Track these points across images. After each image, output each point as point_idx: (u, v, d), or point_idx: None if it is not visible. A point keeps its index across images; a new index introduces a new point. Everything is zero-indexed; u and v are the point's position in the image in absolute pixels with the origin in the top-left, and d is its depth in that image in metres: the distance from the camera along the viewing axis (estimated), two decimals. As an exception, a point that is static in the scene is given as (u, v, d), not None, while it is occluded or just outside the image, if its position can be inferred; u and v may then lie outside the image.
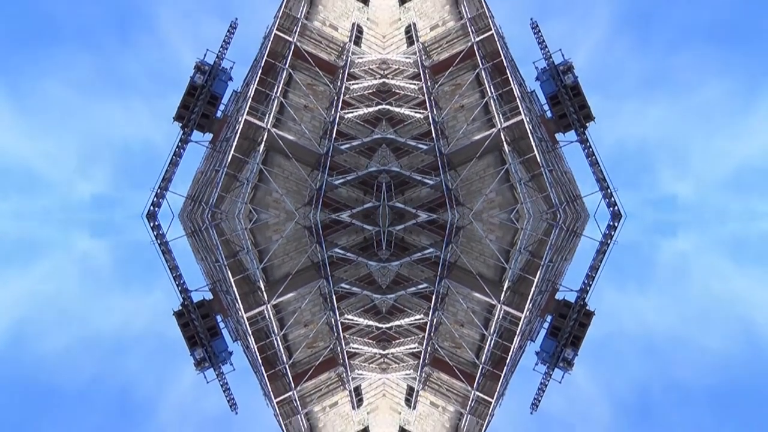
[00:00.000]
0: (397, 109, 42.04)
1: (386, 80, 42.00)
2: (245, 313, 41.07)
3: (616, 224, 68.52)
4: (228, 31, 52.50)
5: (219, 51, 52.40)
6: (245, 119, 42.95)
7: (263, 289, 43.49)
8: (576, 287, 52.89)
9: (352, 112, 41.98)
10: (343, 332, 41.03)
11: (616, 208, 60.31)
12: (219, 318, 47.83)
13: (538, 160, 44.03)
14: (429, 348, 40.26)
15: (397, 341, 42.27)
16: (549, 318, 48.86)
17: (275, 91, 44.51)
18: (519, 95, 45.15)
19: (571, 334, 46.47)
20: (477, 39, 41.88)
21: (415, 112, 42.07)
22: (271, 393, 42.08)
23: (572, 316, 46.66)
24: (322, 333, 42.98)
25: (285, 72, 45.02)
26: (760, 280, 56.30)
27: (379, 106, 42.28)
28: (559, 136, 55.99)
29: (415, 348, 41.12)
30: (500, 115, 39.64)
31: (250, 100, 44.15)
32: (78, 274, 69.13)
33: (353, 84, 44.83)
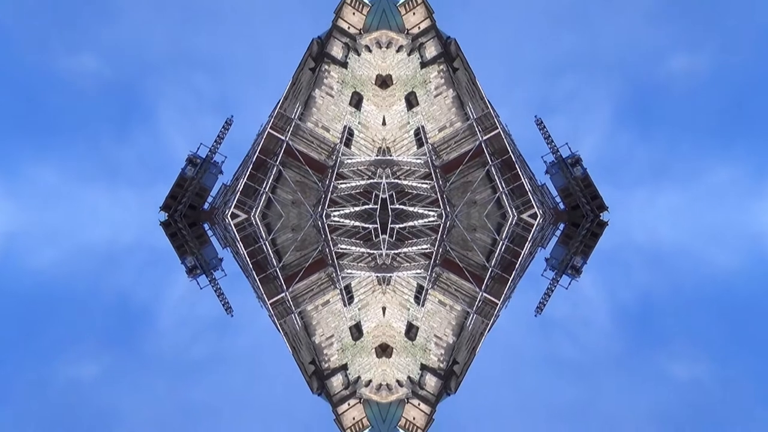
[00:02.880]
0: (411, 208, 44.07)
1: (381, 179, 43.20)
2: (232, 220, 43.34)
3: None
4: (223, 126, 51.95)
5: (212, 145, 51.89)
6: (232, 211, 43.49)
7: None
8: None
9: (338, 211, 44.12)
10: (330, 234, 44.39)
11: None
12: (206, 226, 51.65)
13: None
14: (440, 249, 44.35)
15: (410, 241, 46.25)
16: (561, 226, 51.50)
17: (264, 186, 45.25)
18: (530, 189, 45.03)
19: (582, 242, 50.75)
20: (484, 137, 43.89)
21: (429, 210, 43.82)
22: (265, 295, 43.70)
23: (585, 225, 49.69)
24: (310, 236, 46.44)
25: (275, 168, 45.29)
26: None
27: (366, 206, 43.94)
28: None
29: (427, 249, 45.40)
30: (513, 209, 42.44)
31: (238, 193, 44.67)
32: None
33: (341, 183, 45.27)
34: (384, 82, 44.88)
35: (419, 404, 42.42)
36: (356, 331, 44.95)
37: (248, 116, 60.30)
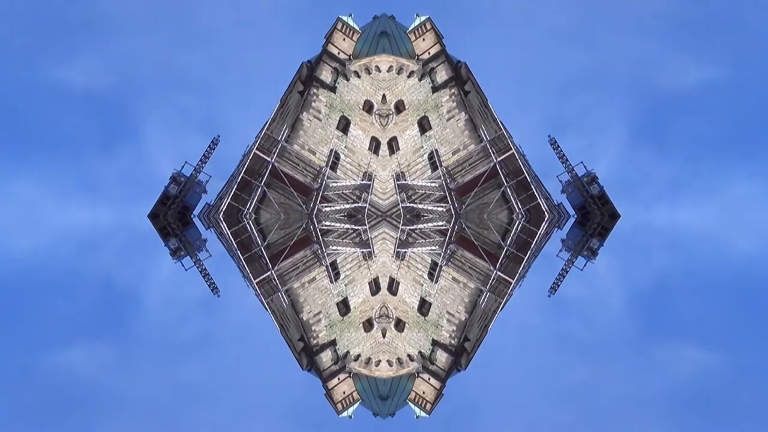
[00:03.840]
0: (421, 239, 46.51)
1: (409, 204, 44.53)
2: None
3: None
4: (209, 146, 51.58)
5: (197, 164, 51.53)
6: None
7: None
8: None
9: (329, 206, 45.95)
10: (315, 213, 44.87)
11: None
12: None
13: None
14: (456, 227, 44.52)
15: (426, 218, 46.34)
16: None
17: (248, 206, 45.61)
18: (546, 209, 45.66)
19: (599, 224, 49.65)
20: (498, 159, 44.40)
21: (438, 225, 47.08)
22: (250, 274, 43.43)
23: (602, 209, 48.66)
24: (294, 214, 46.62)
25: (260, 189, 45.77)
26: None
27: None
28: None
29: (442, 225, 45.69)
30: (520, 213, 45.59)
31: (222, 213, 45.67)
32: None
33: (325, 206, 46.31)
34: (371, 108, 45.05)
35: (429, 379, 42.51)
36: (343, 306, 44.70)
37: (235, 137, 58.83)
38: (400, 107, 45.79)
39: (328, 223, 46.10)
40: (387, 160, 46.41)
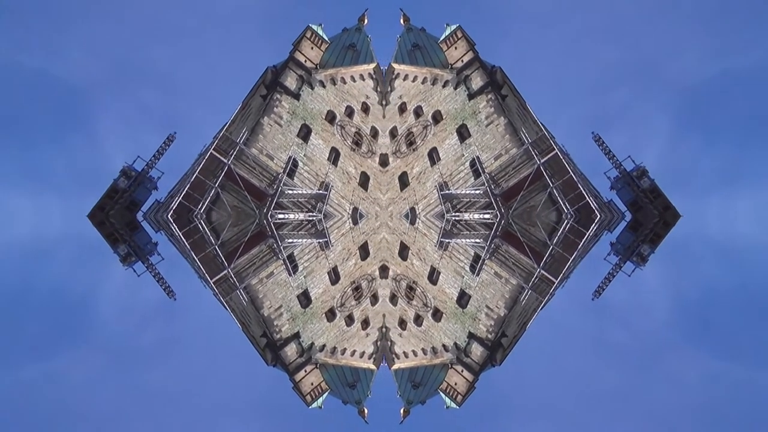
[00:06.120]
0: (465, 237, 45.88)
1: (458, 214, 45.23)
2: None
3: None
4: (164, 142, 50.59)
5: (150, 160, 50.16)
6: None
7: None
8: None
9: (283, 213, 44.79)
10: (270, 208, 43.75)
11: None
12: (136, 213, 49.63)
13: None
14: (502, 221, 44.36)
15: (471, 210, 45.89)
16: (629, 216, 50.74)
17: (200, 206, 44.02)
18: (596, 207, 44.26)
19: (652, 230, 49.50)
20: (542, 160, 43.68)
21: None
22: (207, 274, 44.27)
23: (657, 213, 47.98)
24: (245, 210, 45.52)
25: (214, 190, 44.50)
26: None
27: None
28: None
29: (488, 219, 45.51)
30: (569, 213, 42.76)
31: (172, 211, 43.57)
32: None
33: (279, 212, 45.19)
34: (333, 118, 46.01)
35: (462, 371, 43.64)
36: (304, 298, 45.85)
37: (192, 136, 56.07)
38: (437, 117, 46.21)
39: (282, 216, 45.79)
40: (429, 171, 46.65)
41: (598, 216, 43.58)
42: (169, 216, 43.62)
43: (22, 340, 62.73)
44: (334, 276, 47.20)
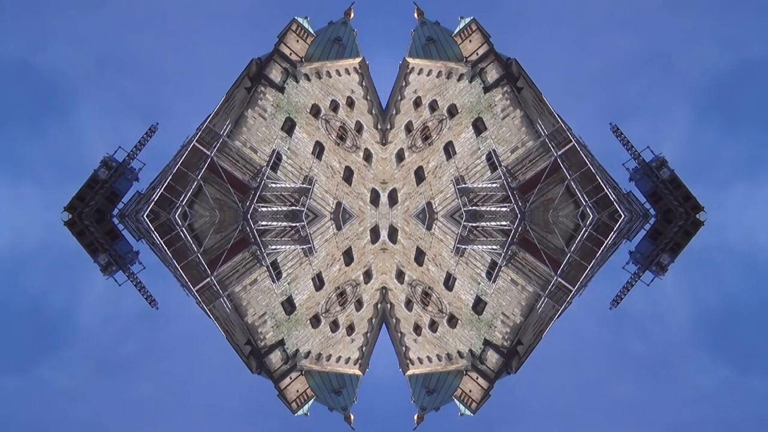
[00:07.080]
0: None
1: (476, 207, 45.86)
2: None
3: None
4: (146, 133, 50.37)
5: (131, 150, 50.04)
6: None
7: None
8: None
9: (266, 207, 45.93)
10: (250, 213, 43.91)
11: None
12: (116, 220, 50.11)
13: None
14: (519, 227, 44.58)
15: (489, 216, 46.22)
16: (652, 220, 50.33)
17: (181, 199, 44.07)
18: (615, 199, 43.69)
19: (672, 240, 49.09)
20: (559, 152, 43.33)
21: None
22: (189, 282, 43.70)
23: (678, 223, 48.26)
24: (228, 217, 46.08)
25: (196, 183, 44.53)
26: None
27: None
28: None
29: (506, 225, 45.72)
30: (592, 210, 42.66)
31: (153, 203, 43.24)
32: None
33: (261, 206, 45.35)
34: (318, 112, 46.39)
35: (477, 378, 43.78)
36: (288, 305, 46.05)
37: (175, 127, 56.06)
38: (452, 111, 46.18)
39: (264, 223, 46.25)
40: (445, 165, 47.17)
41: (619, 213, 42.16)
42: (145, 216, 42.50)
43: (0, 351, 62.89)
44: (319, 282, 47.12)
